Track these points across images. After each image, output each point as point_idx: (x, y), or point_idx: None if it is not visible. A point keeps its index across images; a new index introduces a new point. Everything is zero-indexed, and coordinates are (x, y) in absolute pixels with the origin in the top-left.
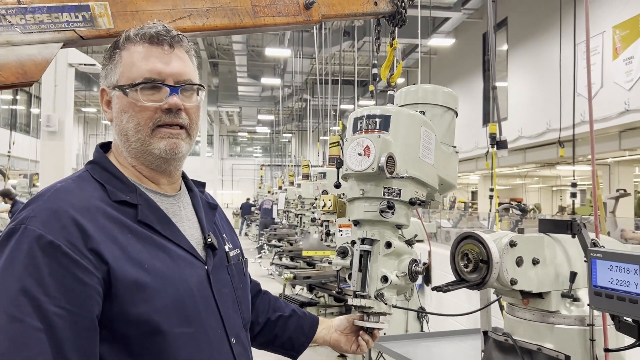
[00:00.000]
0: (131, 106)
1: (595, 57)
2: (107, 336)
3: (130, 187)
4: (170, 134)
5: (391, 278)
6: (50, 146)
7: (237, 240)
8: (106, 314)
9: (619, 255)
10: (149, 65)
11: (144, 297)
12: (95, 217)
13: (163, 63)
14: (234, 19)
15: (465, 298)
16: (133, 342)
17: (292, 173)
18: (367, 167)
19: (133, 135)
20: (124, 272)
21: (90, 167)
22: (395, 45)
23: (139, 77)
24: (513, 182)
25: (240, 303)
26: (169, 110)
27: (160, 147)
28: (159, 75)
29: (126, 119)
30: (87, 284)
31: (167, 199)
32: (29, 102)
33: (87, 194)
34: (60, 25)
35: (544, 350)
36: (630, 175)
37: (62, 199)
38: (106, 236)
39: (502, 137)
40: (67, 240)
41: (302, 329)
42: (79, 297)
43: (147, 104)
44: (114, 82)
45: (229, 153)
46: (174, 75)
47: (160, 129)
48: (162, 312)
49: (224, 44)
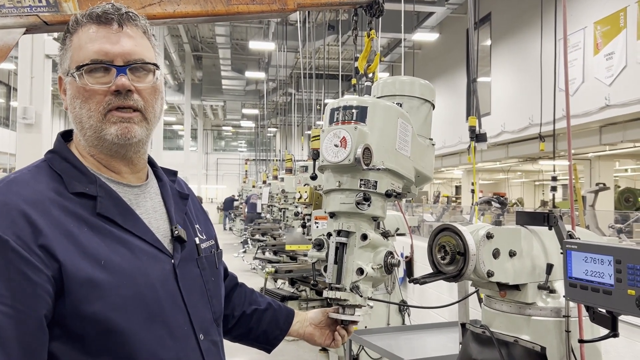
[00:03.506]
0: (81, 91)
1: (576, 52)
2: (61, 334)
3: (90, 178)
4: (122, 118)
5: (367, 270)
6: (27, 139)
7: (212, 231)
8: (59, 312)
9: (593, 246)
10: (96, 46)
11: (99, 295)
12: (48, 211)
13: (110, 43)
14: (206, 6)
15: (447, 291)
16: (89, 340)
17: (276, 167)
18: (343, 158)
19: (86, 122)
20: (77, 269)
21: (50, 156)
22: (373, 36)
23: (85, 60)
24: (496, 177)
25: (212, 297)
26: (117, 92)
27: (112, 132)
28: (106, 55)
29: (78, 105)
30: (36, 282)
31: (131, 189)
32: (8, 94)
33: (41, 186)
34: (22, 10)
35: (521, 342)
36: (611, 170)
37: (13, 191)
38: (59, 231)
39: (482, 130)
40: (15, 236)
41: (277, 322)
42: (26, 295)
43: (95, 87)
44: (66, 68)
45: (213, 147)
46: (123, 54)
47: (112, 113)
48: (120, 309)
49: (207, 37)
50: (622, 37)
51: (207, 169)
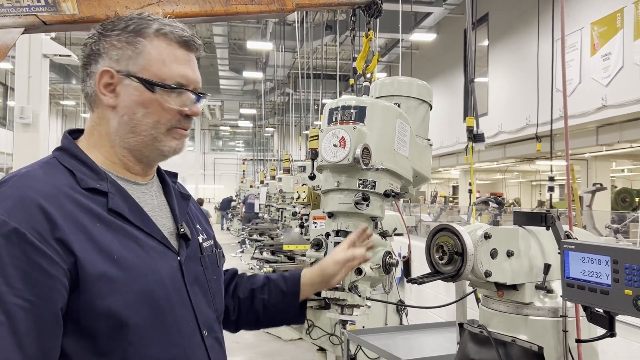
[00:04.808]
0: (155, 103)
1: (573, 53)
2: (74, 329)
3: (101, 174)
4: (182, 135)
5: (365, 270)
6: (25, 139)
7: (210, 231)
8: (73, 307)
9: (590, 246)
10: (181, 70)
11: (113, 290)
12: (63, 205)
13: (192, 70)
14: (204, 6)
15: (445, 291)
16: (101, 335)
17: (273, 167)
18: (342, 158)
19: (146, 130)
20: (92, 263)
21: (58, 153)
22: (371, 36)
23: (170, 79)
24: (493, 177)
25: (214, 295)
26: (188, 115)
27: (171, 146)
28: (187, 81)
29: (142, 114)
30: (52, 275)
31: (139, 187)
32: (5, 94)
33: (54, 181)
34: (21, 10)
35: (518, 342)
36: (608, 170)
37: (28, 185)
38: (75, 225)
39: (479, 130)
40: (32, 229)
41: (281, 290)
42: (42, 288)
43: (174, 107)
44: (133, 71)
45: (210, 147)
46: (197, 82)
47: (177, 130)
48: (132, 304)
49: (205, 37)
50: (619, 37)
51: (204, 169)
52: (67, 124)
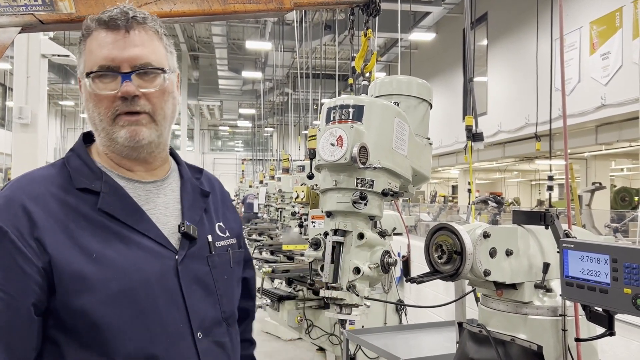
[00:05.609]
0: (92, 96)
1: (572, 52)
2: (56, 324)
3: (97, 174)
4: (129, 121)
5: (363, 269)
6: (23, 139)
7: (237, 229)
8: (51, 304)
9: (589, 245)
10: (104, 52)
11: (87, 288)
12: (48, 205)
13: (118, 49)
14: (202, 5)
15: (444, 290)
16: (80, 330)
17: (273, 167)
18: (339, 157)
19: (99, 124)
20: (67, 262)
21: (69, 154)
22: (370, 35)
23: (94, 66)
24: (493, 177)
25: (221, 296)
26: (124, 98)
27: (122, 136)
28: (113, 61)
29: (91, 109)
30: (26, 273)
31: (143, 185)
32: (4, 94)
33: (47, 181)
34: (18, 9)
35: (517, 341)
36: (607, 169)
37: (20, 186)
38: (57, 224)
39: (478, 129)
40: (15, 228)
41: None
42: (17, 283)
43: (102, 93)
44: (81, 71)
45: (210, 147)
46: (129, 60)
47: (120, 117)
48: (108, 303)
49: (204, 37)
50: (618, 36)
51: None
52: (66, 124)
